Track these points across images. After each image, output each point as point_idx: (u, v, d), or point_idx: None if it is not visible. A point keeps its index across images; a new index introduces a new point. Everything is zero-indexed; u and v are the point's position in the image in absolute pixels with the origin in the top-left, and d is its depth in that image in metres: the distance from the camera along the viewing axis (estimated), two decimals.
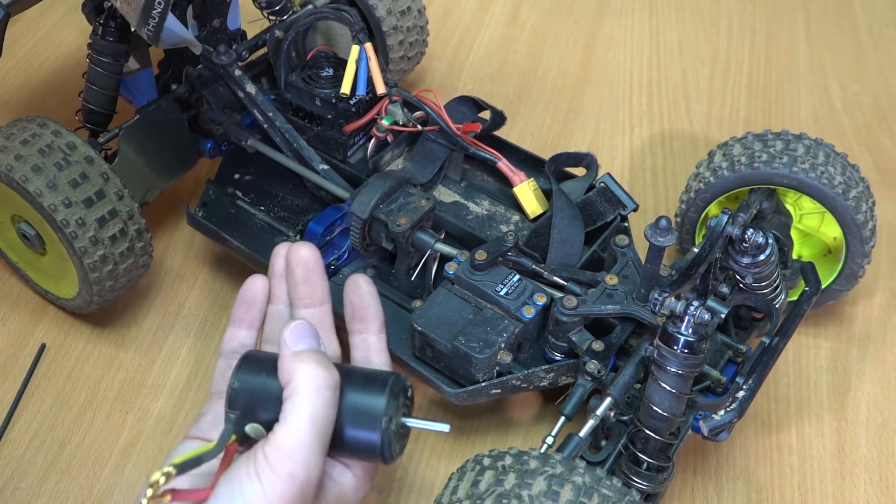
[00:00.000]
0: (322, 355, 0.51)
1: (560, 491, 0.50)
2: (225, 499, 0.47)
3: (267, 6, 0.76)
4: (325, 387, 0.49)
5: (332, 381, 0.50)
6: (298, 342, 0.51)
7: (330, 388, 0.49)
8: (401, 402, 0.52)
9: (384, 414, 0.51)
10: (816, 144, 0.71)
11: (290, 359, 0.50)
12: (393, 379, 0.52)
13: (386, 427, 0.51)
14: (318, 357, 0.50)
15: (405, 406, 0.53)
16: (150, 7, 0.57)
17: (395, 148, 0.76)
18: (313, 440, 0.48)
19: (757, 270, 0.63)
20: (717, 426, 0.60)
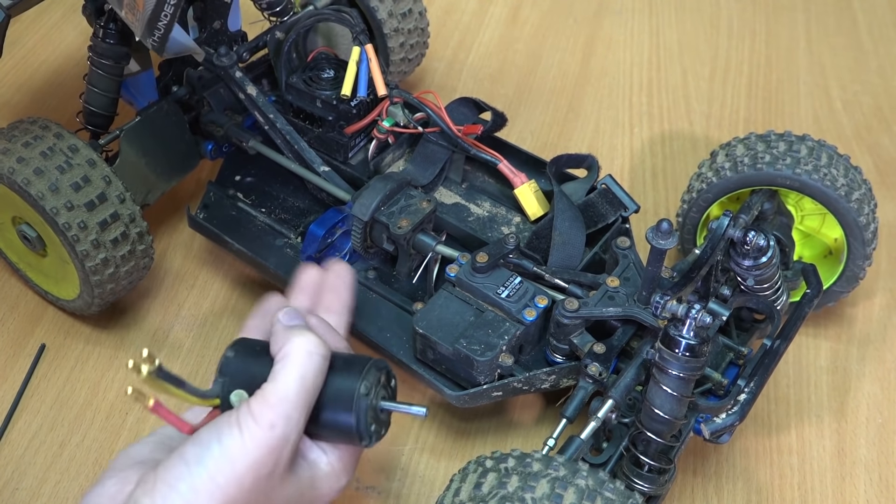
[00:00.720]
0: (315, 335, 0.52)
1: (563, 494, 0.50)
2: (200, 443, 0.48)
3: (267, 7, 0.76)
4: (316, 351, 0.51)
5: (324, 350, 0.51)
6: (291, 320, 0.53)
7: (321, 354, 0.51)
8: (379, 385, 0.53)
9: (360, 394, 0.52)
10: (820, 146, 0.71)
11: (282, 332, 0.52)
12: (372, 362, 0.53)
13: (362, 408, 0.52)
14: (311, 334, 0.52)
15: (384, 389, 0.54)
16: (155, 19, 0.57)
17: (395, 149, 0.76)
18: (298, 398, 0.49)
19: (758, 273, 0.63)
20: (718, 429, 0.60)
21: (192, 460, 0.48)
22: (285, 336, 0.52)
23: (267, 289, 0.79)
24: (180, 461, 0.48)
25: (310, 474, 0.53)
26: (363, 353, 0.55)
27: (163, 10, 0.56)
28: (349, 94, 0.73)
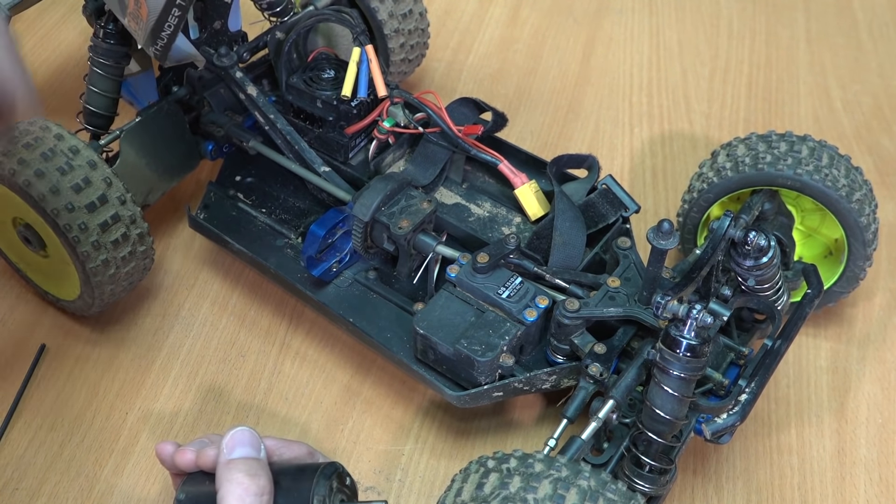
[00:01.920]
0: (254, 462, 0.53)
1: (566, 495, 0.50)
2: None
3: (268, 8, 0.76)
4: (247, 493, 0.51)
5: (256, 489, 0.51)
6: (234, 450, 0.53)
7: (254, 494, 0.51)
8: (332, 491, 0.53)
9: (314, 497, 0.52)
10: (821, 146, 0.71)
11: (221, 469, 0.53)
12: (319, 470, 0.54)
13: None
14: (246, 465, 0.52)
15: (341, 491, 0.54)
16: (159, 29, 0.57)
17: (396, 150, 0.76)
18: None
19: (759, 273, 0.63)
20: (719, 429, 0.60)
21: None
22: (221, 475, 0.52)
23: (267, 289, 0.80)
24: None
25: None
26: (310, 463, 0.55)
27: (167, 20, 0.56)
28: (349, 94, 0.73)
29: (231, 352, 0.76)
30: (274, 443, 0.58)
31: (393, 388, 0.74)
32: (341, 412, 0.72)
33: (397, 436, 0.71)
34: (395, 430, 0.71)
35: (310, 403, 0.73)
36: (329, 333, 0.77)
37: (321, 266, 0.71)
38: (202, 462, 0.55)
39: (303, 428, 0.71)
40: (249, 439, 0.54)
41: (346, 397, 0.73)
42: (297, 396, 0.73)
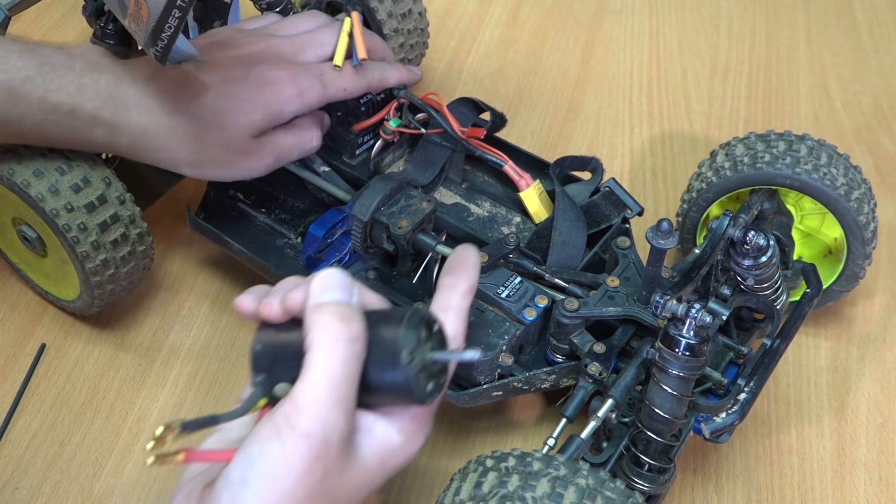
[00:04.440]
0: (344, 307, 0.48)
1: (564, 493, 0.50)
2: (246, 459, 0.46)
3: (267, 8, 0.76)
4: (339, 339, 0.46)
5: (350, 334, 0.47)
6: (323, 293, 0.49)
7: (346, 340, 0.46)
8: (422, 336, 0.49)
9: (402, 348, 0.47)
10: (819, 145, 0.71)
11: (310, 312, 0.48)
12: (410, 312, 0.49)
13: (408, 362, 0.47)
14: (338, 309, 0.47)
15: (431, 339, 0.50)
16: (159, 30, 0.57)
17: (396, 149, 0.76)
18: (330, 397, 0.45)
19: (758, 272, 0.63)
20: (718, 428, 0.60)
21: (237, 482, 0.45)
22: (311, 319, 0.47)
23: None
24: (226, 485, 0.46)
25: (372, 445, 0.50)
26: (394, 310, 0.51)
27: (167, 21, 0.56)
28: (340, 64, 0.73)
29: (231, 352, 0.76)
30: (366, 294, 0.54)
31: None
32: None
33: None
34: None
35: None
36: None
37: (321, 266, 0.71)
38: (290, 307, 0.50)
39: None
40: (342, 282, 0.50)
41: None
42: None
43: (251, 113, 0.67)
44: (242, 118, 0.66)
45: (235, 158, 0.68)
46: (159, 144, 0.66)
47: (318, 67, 0.71)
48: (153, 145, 0.66)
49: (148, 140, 0.66)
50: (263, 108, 0.67)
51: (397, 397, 0.49)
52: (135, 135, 0.65)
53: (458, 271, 0.56)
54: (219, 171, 0.69)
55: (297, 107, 0.69)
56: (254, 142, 0.68)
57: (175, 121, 0.65)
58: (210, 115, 0.66)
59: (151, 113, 0.65)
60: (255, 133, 0.68)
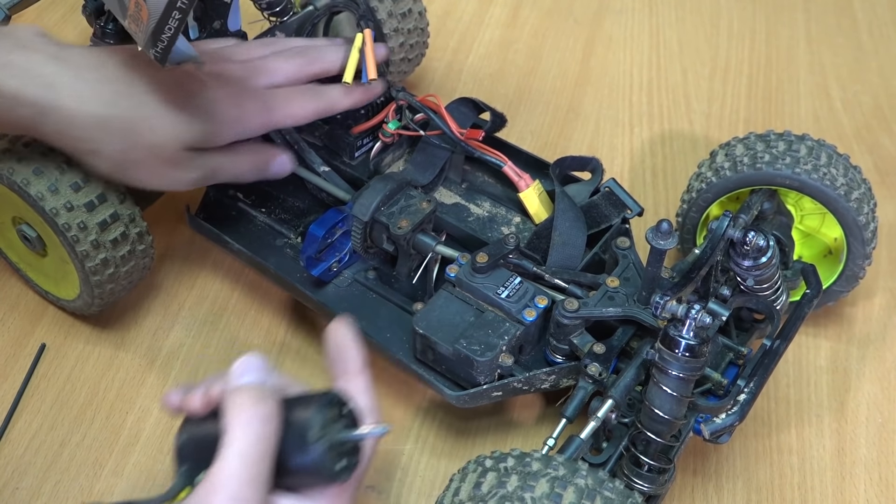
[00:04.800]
0: (260, 388, 0.49)
1: (563, 493, 0.50)
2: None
3: (267, 7, 0.76)
4: (253, 419, 0.47)
5: (263, 414, 0.48)
6: (241, 376, 0.50)
7: (260, 419, 0.47)
8: (331, 416, 0.50)
9: (310, 429, 0.49)
10: (819, 146, 0.71)
11: (226, 395, 0.49)
12: (322, 394, 0.51)
13: (315, 440, 0.49)
14: (253, 391, 0.49)
15: (342, 419, 0.51)
16: (160, 31, 0.57)
17: (395, 150, 0.76)
18: (244, 474, 0.46)
19: (758, 273, 0.63)
20: (718, 429, 0.60)
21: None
22: (227, 402, 0.49)
23: (267, 289, 0.80)
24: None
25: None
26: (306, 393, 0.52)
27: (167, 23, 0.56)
28: (350, 81, 0.73)
29: (231, 352, 0.76)
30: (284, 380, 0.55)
31: (393, 388, 0.74)
32: None
33: (397, 435, 0.71)
34: (395, 429, 0.71)
35: None
36: None
37: (320, 266, 0.71)
38: (212, 399, 0.51)
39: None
40: (259, 365, 0.51)
41: None
42: None
43: (188, 124, 0.65)
44: (178, 126, 0.64)
45: (161, 167, 0.66)
46: (86, 135, 0.63)
47: (265, 93, 0.69)
48: (79, 134, 0.63)
49: (75, 129, 0.63)
50: (202, 123, 0.65)
51: (312, 477, 0.50)
52: (62, 120, 0.62)
53: (341, 359, 0.56)
54: (141, 177, 0.66)
55: (237, 130, 0.68)
56: (184, 154, 0.66)
57: (108, 112, 0.62)
58: (146, 114, 0.63)
59: (83, 100, 0.62)
60: (189, 145, 0.66)
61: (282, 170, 0.73)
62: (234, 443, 0.47)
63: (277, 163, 0.72)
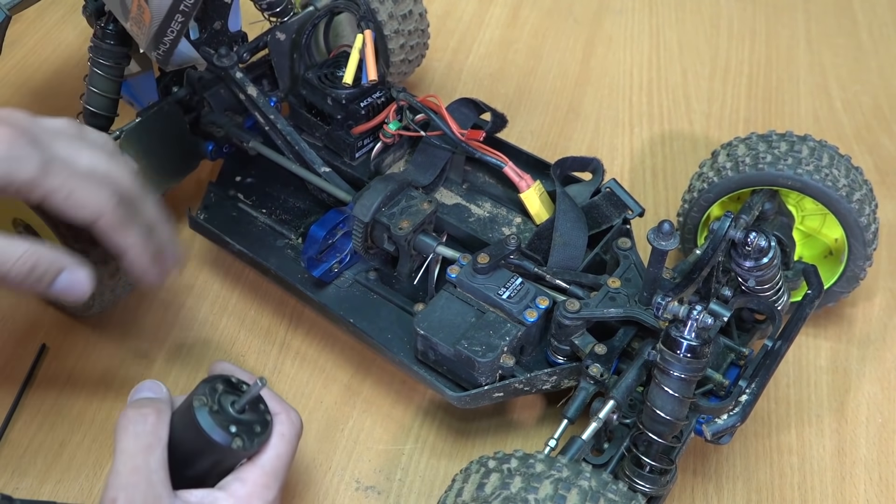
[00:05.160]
0: (144, 400, 0.55)
1: (567, 495, 0.50)
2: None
3: (268, 8, 0.76)
4: (128, 420, 0.53)
5: (138, 415, 0.53)
6: (132, 396, 0.57)
7: (134, 420, 0.53)
8: (216, 392, 0.54)
9: (194, 405, 0.53)
10: (821, 146, 0.71)
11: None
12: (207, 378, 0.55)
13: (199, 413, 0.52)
14: (137, 402, 0.55)
15: (229, 394, 0.55)
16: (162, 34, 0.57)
17: (396, 150, 0.76)
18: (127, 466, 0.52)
19: (759, 273, 0.63)
20: (720, 430, 0.60)
21: None
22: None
23: (267, 289, 0.80)
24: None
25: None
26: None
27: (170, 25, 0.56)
28: (350, 81, 0.73)
29: (231, 352, 0.76)
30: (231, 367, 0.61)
31: (393, 388, 0.74)
32: (341, 412, 0.72)
33: (397, 436, 0.71)
34: (396, 430, 0.71)
35: (310, 403, 0.73)
36: (329, 333, 0.77)
37: (321, 267, 0.71)
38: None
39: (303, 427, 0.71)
40: (148, 385, 0.57)
41: (346, 397, 0.73)
42: (297, 396, 0.73)
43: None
44: None
45: None
46: None
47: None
48: None
49: None
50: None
51: (214, 455, 0.54)
52: None
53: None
54: None
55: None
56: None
57: None
58: None
59: None
60: None
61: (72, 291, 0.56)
62: (118, 445, 0.53)
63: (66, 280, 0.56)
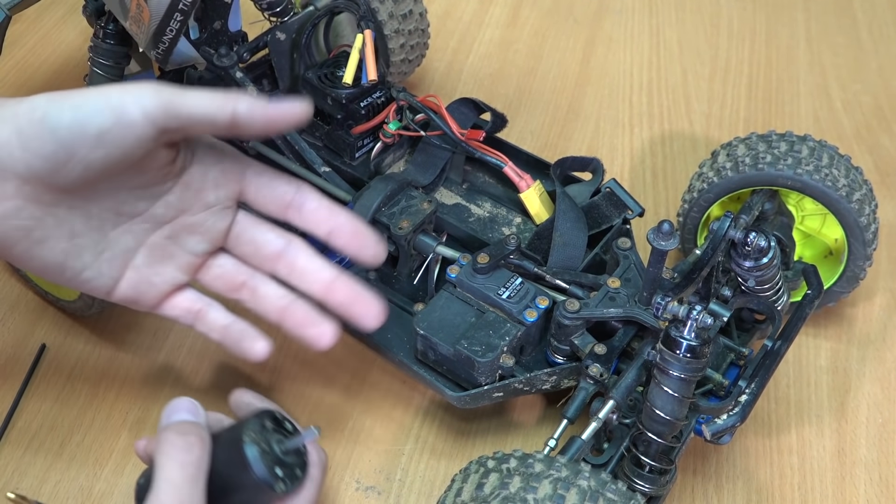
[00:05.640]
0: (184, 423, 0.53)
1: (566, 495, 0.50)
2: None
3: (268, 7, 0.76)
4: (174, 448, 0.51)
5: (184, 443, 0.51)
6: (168, 417, 0.54)
7: (182, 448, 0.51)
8: (265, 430, 0.53)
9: (244, 442, 0.51)
10: (821, 146, 0.71)
11: (158, 435, 0.53)
12: (255, 412, 0.54)
13: (248, 451, 0.51)
14: (178, 426, 0.53)
15: (277, 433, 0.54)
16: (161, 33, 0.57)
17: (396, 150, 0.76)
18: (171, 498, 0.49)
19: (759, 274, 0.63)
20: (719, 430, 0.60)
21: None
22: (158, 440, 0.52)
23: None
24: None
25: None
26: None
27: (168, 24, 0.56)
28: (350, 81, 0.73)
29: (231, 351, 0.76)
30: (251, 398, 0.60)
31: (393, 388, 0.74)
32: (341, 412, 0.72)
33: (397, 436, 0.71)
34: (395, 430, 0.71)
35: (310, 403, 0.73)
36: None
37: None
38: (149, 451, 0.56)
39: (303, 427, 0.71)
40: (186, 405, 0.55)
41: (346, 397, 0.73)
42: (296, 396, 0.73)
43: None
44: None
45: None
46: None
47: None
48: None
49: None
50: None
51: (255, 492, 0.52)
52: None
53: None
54: None
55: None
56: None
57: None
58: None
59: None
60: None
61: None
62: (161, 471, 0.50)
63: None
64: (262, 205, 0.59)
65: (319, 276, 0.59)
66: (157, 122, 0.49)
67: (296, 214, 0.59)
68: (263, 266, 0.60)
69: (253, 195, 0.59)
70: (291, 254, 0.59)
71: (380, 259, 0.59)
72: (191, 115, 0.50)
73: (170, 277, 0.58)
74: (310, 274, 0.59)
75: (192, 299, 0.60)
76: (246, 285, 0.60)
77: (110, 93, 0.49)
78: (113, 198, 0.53)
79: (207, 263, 0.60)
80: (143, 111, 0.48)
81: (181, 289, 0.60)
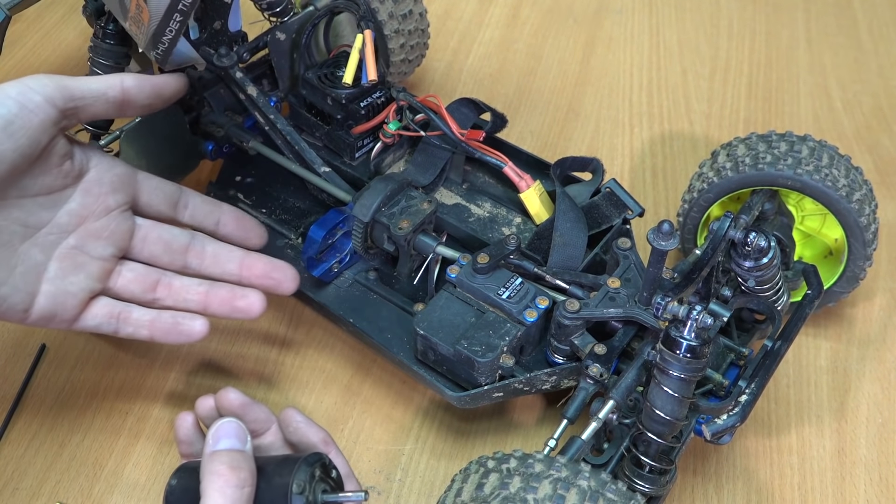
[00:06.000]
0: (235, 454, 0.53)
1: (566, 495, 0.50)
2: None
3: (268, 7, 0.76)
4: (227, 485, 0.51)
5: (237, 480, 0.51)
6: (217, 442, 0.54)
7: (234, 486, 0.51)
8: (314, 479, 0.53)
9: (292, 488, 0.52)
10: (821, 146, 0.71)
11: (206, 460, 0.53)
12: (302, 458, 0.54)
13: (296, 499, 0.52)
14: (229, 457, 0.52)
15: (323, 482, 0.54)
16: (160, 33, 0.57)
17: (396, 150, 0.76)
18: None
19: (759, 274, 0.63)
20: (719, 430, 0.60)
21: None
22: (205, 466, 0.52)
23: None
24: None
25: None
26: (297, 454, 0.55)
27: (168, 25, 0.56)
28: (350, 81, 0.73)
29: (231, 352, 0.76)
30: (301, 418, 0.60)
31: (393, 388, 0.74)
32: (341, 412, 0.72)
33: (397, 436, 0.71)
34: (395, 430, 0.71)
35: (310, 403, 0.73)
36: (329, 333, 0.77)
37: (321, 267, 0.71)
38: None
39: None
40: (235, 431, 0.55)
41: (346, 397, 0.73)
42: (296, 397, 0.73)
43: None
44: None
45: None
46: None
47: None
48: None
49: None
50: None
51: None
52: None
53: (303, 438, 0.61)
54: None
55: None
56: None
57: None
58: None
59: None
60: None
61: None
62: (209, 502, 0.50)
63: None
64: (155, 205, 0.65)
65: (232, 256, 0.66)
66: (56, 104, 0.55)
67: (184, 211, 0.66)
68: (175, 261, 0.65)
69: (147, 197, 0.64)
70: (199, 243, 0.65)
71: (263, 240, 0.69)
72: (84, 95, 0.56)
73: (85, 285, 0.61)
74: (222, 255, 0.66)
75: (111, 304, 0.63)
76: (161, 282, 0.64)
77: (8, 87, 0.54)
78: (19, 207, 0.57)
79: (118, 269, 0.63)
80: (43, 95, 0.54)
81: (96, 297, 0.63)
